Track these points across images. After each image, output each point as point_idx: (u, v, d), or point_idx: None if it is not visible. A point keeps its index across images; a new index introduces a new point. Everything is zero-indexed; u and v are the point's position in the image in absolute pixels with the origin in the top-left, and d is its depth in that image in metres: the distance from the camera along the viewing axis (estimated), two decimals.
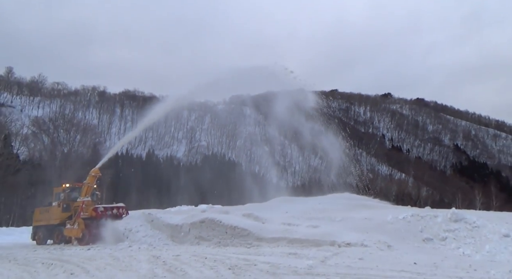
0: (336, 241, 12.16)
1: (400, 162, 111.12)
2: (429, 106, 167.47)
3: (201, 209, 21.18)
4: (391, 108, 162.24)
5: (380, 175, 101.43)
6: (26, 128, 55.75)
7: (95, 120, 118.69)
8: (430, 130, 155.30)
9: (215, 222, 15.15)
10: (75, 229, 18.10)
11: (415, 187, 64.23)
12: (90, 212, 18.31)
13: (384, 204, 22.38)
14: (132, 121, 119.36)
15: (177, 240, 15.84)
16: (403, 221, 13.18)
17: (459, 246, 11.54)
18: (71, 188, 20.92)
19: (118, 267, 9.75)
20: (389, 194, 53.07)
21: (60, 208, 20.18)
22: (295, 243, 12.77)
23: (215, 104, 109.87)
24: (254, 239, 13.78)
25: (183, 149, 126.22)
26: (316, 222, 14.39)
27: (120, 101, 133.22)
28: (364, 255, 10.06)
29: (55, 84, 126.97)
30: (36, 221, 21.33)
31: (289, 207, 17.96)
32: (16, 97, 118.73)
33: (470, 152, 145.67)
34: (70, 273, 9.31)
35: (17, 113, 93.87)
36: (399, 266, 8.58)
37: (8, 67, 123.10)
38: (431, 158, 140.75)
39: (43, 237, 20.44)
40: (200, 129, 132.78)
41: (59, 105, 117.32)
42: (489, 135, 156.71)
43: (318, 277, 7.69)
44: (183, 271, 8.78)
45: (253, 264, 9.20)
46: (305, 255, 10.37)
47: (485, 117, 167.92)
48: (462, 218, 12.78)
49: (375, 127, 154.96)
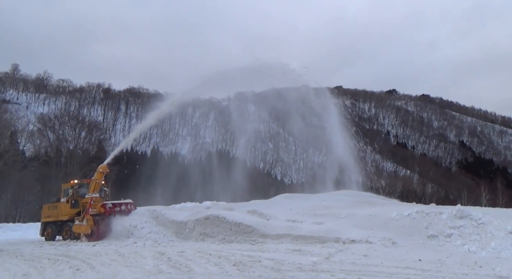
0: (341, 238, 12.14)
1: (405, 159, 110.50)
2: (435, 102, 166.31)
3: (205, 205, 21.24)
4: (396, 105, 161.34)
5: (385, 171, 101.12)
6: (32, 125, 56.05)
7: (100, 117, 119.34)
8: (436, 126, 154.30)
9: (219, 219, 15.19)
10: (83, 225, 18.08)
11: (420, 183, 63.91)
12: (98, 208, 18.30)
13: (388, 200, 22.32)
14: (136, 118, 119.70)
15: (182, 236, 15.90)
16: (408, 217, 13.12)
17: (464, 243, 11.49)
18: (79, 184, 20.97)
19: (123, 263, 9.81)
20: (394, 191, 52.87)
21: (69, 204, 20.22)
22: (299, 240, 12.77)
23: (219, 101, 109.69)
24: (259, 235, 13.80)
25: (187, 146, 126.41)
26: (321, 219, 14.37)
27: (125, 98, 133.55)
28: (368, 252, 10.05)
29: (60, 81, 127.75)
30: (45, 217, 21.32)
31: (293, 204, 17.94)
32: (22, 94, 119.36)
33: (476, 148, 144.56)
34: (76, 269, 9.38)
35: (23, 110, 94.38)
36: (404, 263, 8.55)
37: (14, 64, 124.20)
38: (436, 154, 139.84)
39: (52, 233, 20.47)
40: (205, 126, 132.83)
41: (64, 102, 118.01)
42: (495, 131, 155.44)
43: (323, 273, 7.69)
44: (188, 267, 8.81)
45: (257, 261, 9.21)
46: (310, 252, 10.37)
47: (491, 113, 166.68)
48: (468, 214, 12.71)
49: (380, 124, 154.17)
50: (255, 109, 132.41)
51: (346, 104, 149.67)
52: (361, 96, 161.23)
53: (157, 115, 24.14)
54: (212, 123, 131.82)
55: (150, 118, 24.11)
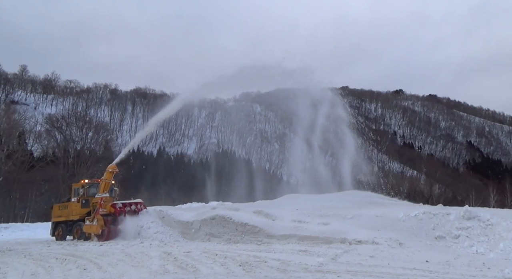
0: (347, 239, 12.10)
1: (412, 159, 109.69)
2: (442, 102, 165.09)
3: (211, 206, 21.27)
4: (402, 105, 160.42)
5: (391, 172, 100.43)
6: (39, 125, 56.61)
7: (107, 118, 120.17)
8: (443, 126, 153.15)
9: (225, 219, 15.21)
10: (94, 225, 18.05)
11: (427, 184, 63.30)
12: (108, 208, 18.33)
13: (395, 201, 22.18)
14: (143, 119, 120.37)
15: (188, 236, 15.94)
16: (415, 218, 13.03)
17: (472, 244, 11.38)
18: (89, 184, 21.04)
19: (130, 263, 9.85)
20: (400, 192, 52.52)
21: (80, 204, 20.26)
22: (305, 240, 12.75)
23: (225, 102, 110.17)
24: (265, 236, 13.80)
25: (193, 146, 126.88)
26: (327, 220, 14.32)
27: (132, 98, 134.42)
28: (375, 253, 10.00)
29: (68, 82, 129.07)
30: (55, 217, 21.28)
31: (299, 204, 17.89)
32: (30, 95, 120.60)
33: (484, 149, 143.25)
34: (83, 268, 9.44)
35: (31, 111, 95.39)
36: (411, 264, 8.50)
37: (22, 65, 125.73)
38: (444, 155, 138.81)
39: (63, 233, 20.45)
40: (211, 126, 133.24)
41: (71, 103, 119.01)
42: (503, 131, 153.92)
43: (329, 274, 7.66)
44: (194, 267, 8.83)
45: (263, 261, 9.21)
46: (316, 253, 10.35)
47: (499, 113, 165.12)
48: (476, 215, 12.58)
49: (387, 124, 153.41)
50: (261, 109, 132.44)
51: (353, 104, 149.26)
52: (367, 96, 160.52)
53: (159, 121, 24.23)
54: (218, 124, 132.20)
55: (162, 113, 24.07)
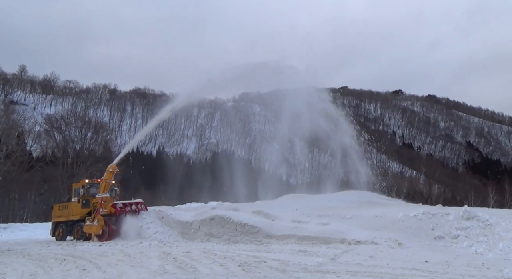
0: (346, 239, 12.11)
1: (411, 159, 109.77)
2: (441, 102, 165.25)
3: (211, 206, 21.30)
4: (402, 105, 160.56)
5: (390, 172, 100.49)
6: (38, 125, 56.43)
7: (106, 118, 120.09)
8: (442, 127, 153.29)
9: (225, 219, 15.22)
10: (94, 225, 17.99)
11: (426, 184, 63.40)
12: (109, 208, 18.27)
13: (394, 201, 22.22)
14: (142, 119, 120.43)
15: (187, 237, 15.95)
16: (414, 218, 13.06)
17: (471, 244, 11.40)
18: (90, 184, 20.92)
19: (129, 263, 9.85)
20: (400, 192, 52.55)
21: (80, 204, 20.16)
22: (305, 241, 12.76)
23: (224, 102, 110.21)
24: (264, 236, 13.81)
25: (193, 146, 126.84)
26: (326, 220, 14.34)
27: (131, 98, 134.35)
28: (374, 253, 10.01)
29: (67, 82, 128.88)
30: (56, 217, 21.17)
31: (298, 205, 17.92)
32: (29, 95, 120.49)
33: (483, 149, 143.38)
34: (83, 268, 9.43)
35: (30, 111, 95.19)
36: (410, 264, 8.51)
37: (21, 65, 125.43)
38: (443, 155, 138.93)
39: (63, 233, 20.33)
40: (210, 126, 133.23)
41: (71, 103, 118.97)
42: (502, 131, 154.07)
43: (328, 274, 7.67)
44: (194, 267, 8.83)
45: (263, 261, 9.21)
46: (315, 253, 10.35)
47: (498, 113, 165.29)
48: (475, 216, 12.62)
49: (386, 124, 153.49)
50: (260, 109, 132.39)
51: (352, 104, 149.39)
52: (366, 96, 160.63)
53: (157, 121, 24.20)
54: (217, 124, 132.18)
55: (162, 113, 24.00)
